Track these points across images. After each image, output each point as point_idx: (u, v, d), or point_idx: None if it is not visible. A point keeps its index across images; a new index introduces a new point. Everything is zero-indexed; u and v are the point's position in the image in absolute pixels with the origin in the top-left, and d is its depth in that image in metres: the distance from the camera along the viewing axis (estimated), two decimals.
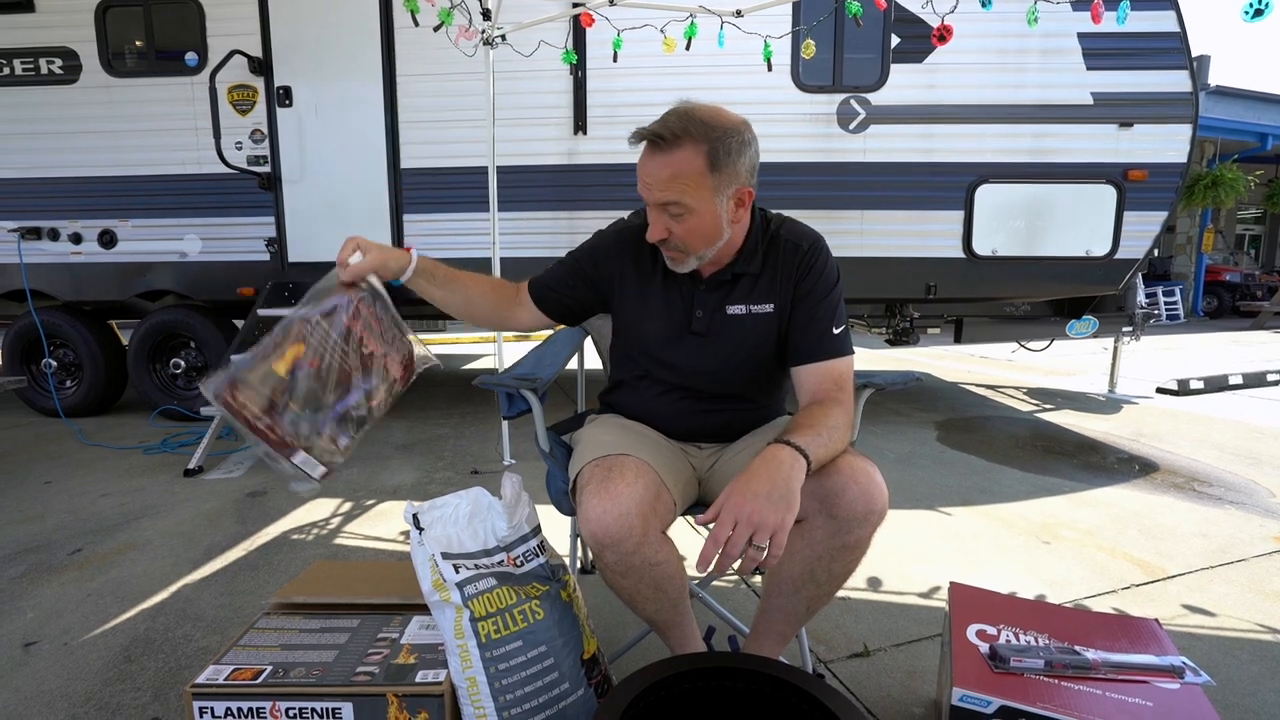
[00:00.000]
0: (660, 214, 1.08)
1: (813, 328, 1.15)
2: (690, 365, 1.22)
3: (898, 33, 3.42)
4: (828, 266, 1.18)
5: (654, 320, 1.22)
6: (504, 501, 1.20)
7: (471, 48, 2.92)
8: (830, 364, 1.14)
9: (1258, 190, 11.58)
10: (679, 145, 1.03)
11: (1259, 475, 2.79)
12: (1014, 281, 3.69)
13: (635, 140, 1.07)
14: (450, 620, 1.04)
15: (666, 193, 1.05)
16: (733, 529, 0.85)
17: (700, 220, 1.08)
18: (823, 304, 1.16)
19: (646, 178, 1.07)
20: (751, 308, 1.18)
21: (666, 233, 1.09)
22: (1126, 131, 3.47)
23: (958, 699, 1.02)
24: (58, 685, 1.37)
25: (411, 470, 2.89)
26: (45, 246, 3.79)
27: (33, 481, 2.75)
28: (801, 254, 1.17)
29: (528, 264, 3.58)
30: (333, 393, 0.99)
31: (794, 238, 1.20)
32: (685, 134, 1.03)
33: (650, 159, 1.06)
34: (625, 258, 1.24)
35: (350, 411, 0.99)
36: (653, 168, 1.06)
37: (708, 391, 1.25)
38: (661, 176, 1.05)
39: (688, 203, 1.06)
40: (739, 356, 1.20)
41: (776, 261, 1.18)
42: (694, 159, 1.04)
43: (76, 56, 3.63)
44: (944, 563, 1.95)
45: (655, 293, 1.22)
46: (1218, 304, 11.82)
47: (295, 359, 0.99)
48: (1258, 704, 1.30)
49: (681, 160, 1.04)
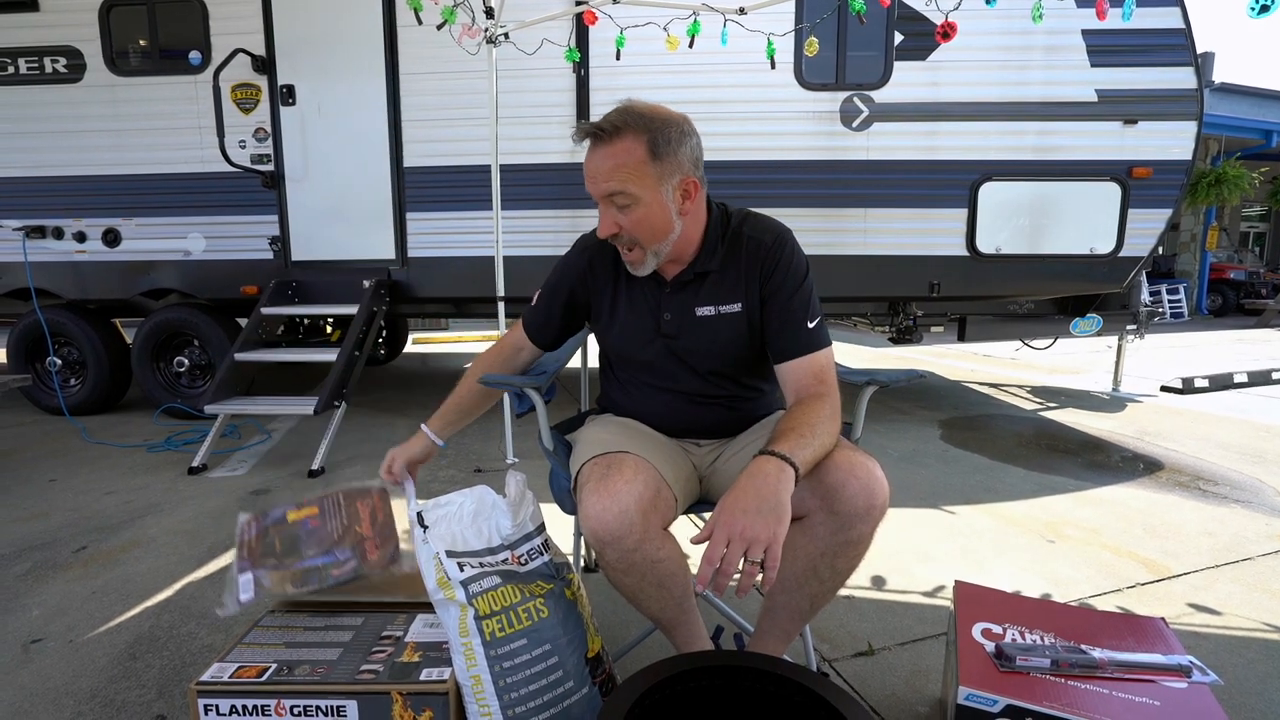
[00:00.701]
0: (608, 207, 1.10)
1: (787, 325, 1.15)
2: (666, 367, 1.23)
3: (901, 30, 3.40)
4: (794, 260, 1.17)
5: (624, 327, 1.24)
6: (508, 500, 1.20)
7: (474, 46, 2.92)
8: (809, 359, 1.14)
9: (1262, 187, 11.51)
10: (619, 136, 1.07)
11: (1264, 474, 2.78)
12: (1018, 279, 3.68)
13: (579, 138, 1.10)
14: (455, 618, 1.04)
15: (610, 182, 1.08)
16: (726, 547, 0.86)
17: (648, 211, 1.09)
18: (794, 299, 1.15)
19: (591, 171, 1.09)
20: (720, 308, 1.18)
21: (616, 227, 1.10)
22: (1131, 129, 3.45)
23: (963, 698, 1.02)
24: (63, 682, 1.38)
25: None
26: (50, 245, 3.80)
27: (37, 479, 2.76)
28: (765, 249, 1.17)
29: (531, 262, 3.59)
30: (312, 548, 1.18)
31: (756, 233, 1.18)
32: (625, 125, 1.07)
33: (593, 153, 1.09)
34: (594, 271, 1.26)
35: (316, 568, 1.16)
36: (596, 160, 1.09)
37: (691, 390, 1.25)
38: (605, 168, 1.08)
39: (632, 191, 1.08)
40: (713, 356, 1.21)
41: (739, 258, 1.18)
42: (635, 148, 1.07)
43: (81, 55, 3.64)
44: (948, 561, 1.95)
45: (623, 300, 1.25)
46: (1222, 302, 11.77)
47: (308, 515, 1.24)
48: (1265, 703, 1.30)
49: (623, 150, 1.07)
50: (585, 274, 1.27)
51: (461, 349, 7.41)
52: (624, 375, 1.31)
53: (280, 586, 1.18)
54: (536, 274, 4.32)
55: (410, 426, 3.65)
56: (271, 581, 1.18)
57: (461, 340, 8.08)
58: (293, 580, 1.18)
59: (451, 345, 7.71)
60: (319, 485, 2.66)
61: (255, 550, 1.22)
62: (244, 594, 1.18)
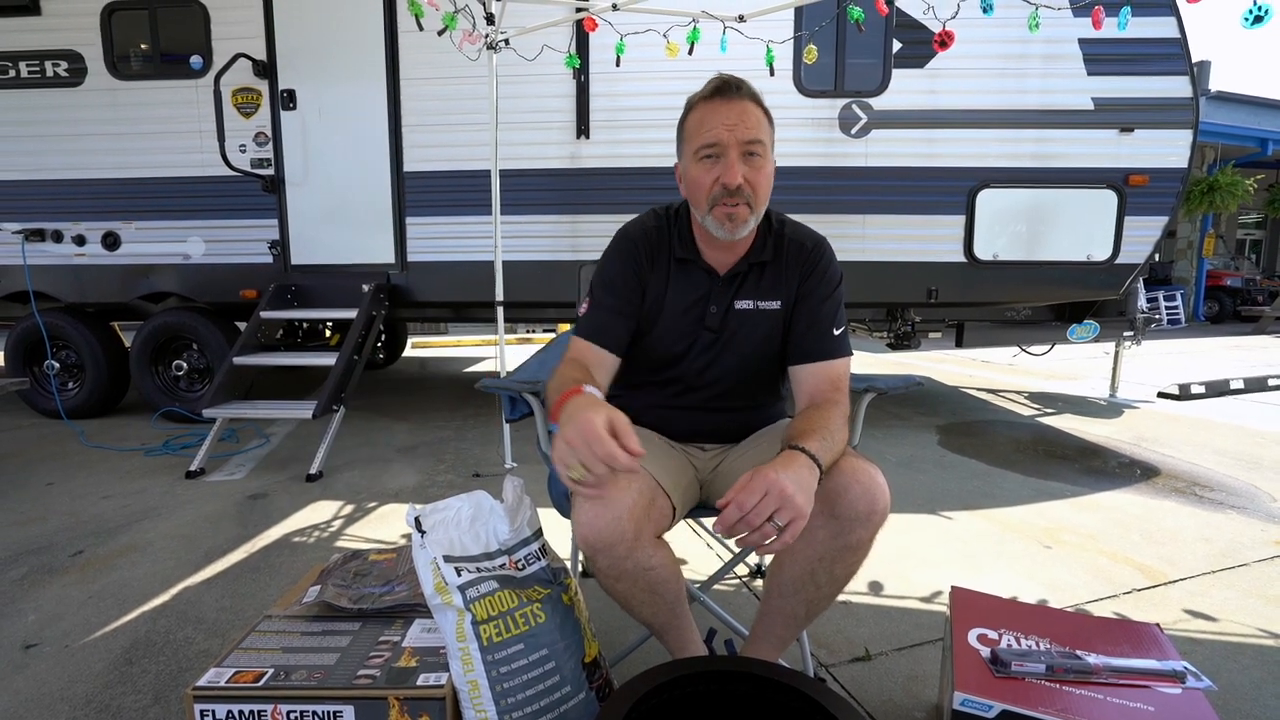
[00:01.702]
0: (739, 158, 1.10)
1: (814, 328, 1.17)
2: (698, 362, 1.23)
3: (899, 38, 3.43)
4: (831, 267, 1.21)
5: (671, 319, 1.22)
6: (506, 504, 1.21)
7: (475, 52, 2.93)
8: (829, 364, 1.15)
9: (1259, 195, 11.57)
10: (744, 98, 1.11)
11: (1260, 480, 2.79)
12: (1015, 286, 3.69)
13: (707, 93, 1.11)
14: (452, 623, 1.04)
15: (753, 130, 1.09)
16: (760, 499, 0.84)
17: (768, 172, 1.13)
18: (825, 304, 1.18)
19: (731, 120, 1.09)
20: (759, 304, 1.20)
21: (743, 179, 1.09)
22: (1127, 136, 3.47)
23: (959, 703, 1.02)
24: (58, 688, 1.37)
25: (413, 473, 2.89)
26: (49, 248, 3.81)
27: (34, 483, 2.76)
28: (806, 252, 1.21)
29: (530, 268, 3.60)
30: (375, 579, 1.35)
31: (798, 236, 1.23)
32: (747, 91, 1.12)
33: (726, 105, 1.10)
34: (653, 258, 1.22)
35: (371, 594, 1.29)
36: (734, 111, 1.09)
37: (712, 391, 1.25)
38: (749, 118, 1.09)
39: (766, 144, 1.11)
40: (744, 353, 1.22)
41: (783, 257, 1.21)
42: (758, 110, 1.12)
43: (82, 59, 3.65)
44: (945, 567, 1.95)
45: (672, 291, 1.22)
46: (1219, 309, 11.80)
47: (385, 558, 1.46)
48: (1260, 709, 1.30)
49: (752, 108, 1.11)
50: (645, 260, 1.21)
51: (460, 353, 7.41)
52: (639, 378, 1.28)
53: (336, 599, 1.26)
54: (536, 279, 4.33)
55: (410, 430, 3.66)
56: (330, 595, 1.28)
57: (460, 345, 8.08)
58: (349, 598, 1.26)
59: (450, 350, 7.71)
60: (317, 489, 2.66)
61: (332, 574, 1.38)
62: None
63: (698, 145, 1.12)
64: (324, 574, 1.40)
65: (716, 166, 1.10)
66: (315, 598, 1.30)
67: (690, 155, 1.14)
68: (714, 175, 1.10)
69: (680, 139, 1.19)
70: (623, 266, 1.22)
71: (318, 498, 2.55)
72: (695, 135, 1.12)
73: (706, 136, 1.10)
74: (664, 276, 1.22)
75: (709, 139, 1.10)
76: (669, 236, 1.23)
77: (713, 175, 1.11)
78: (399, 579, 1.34)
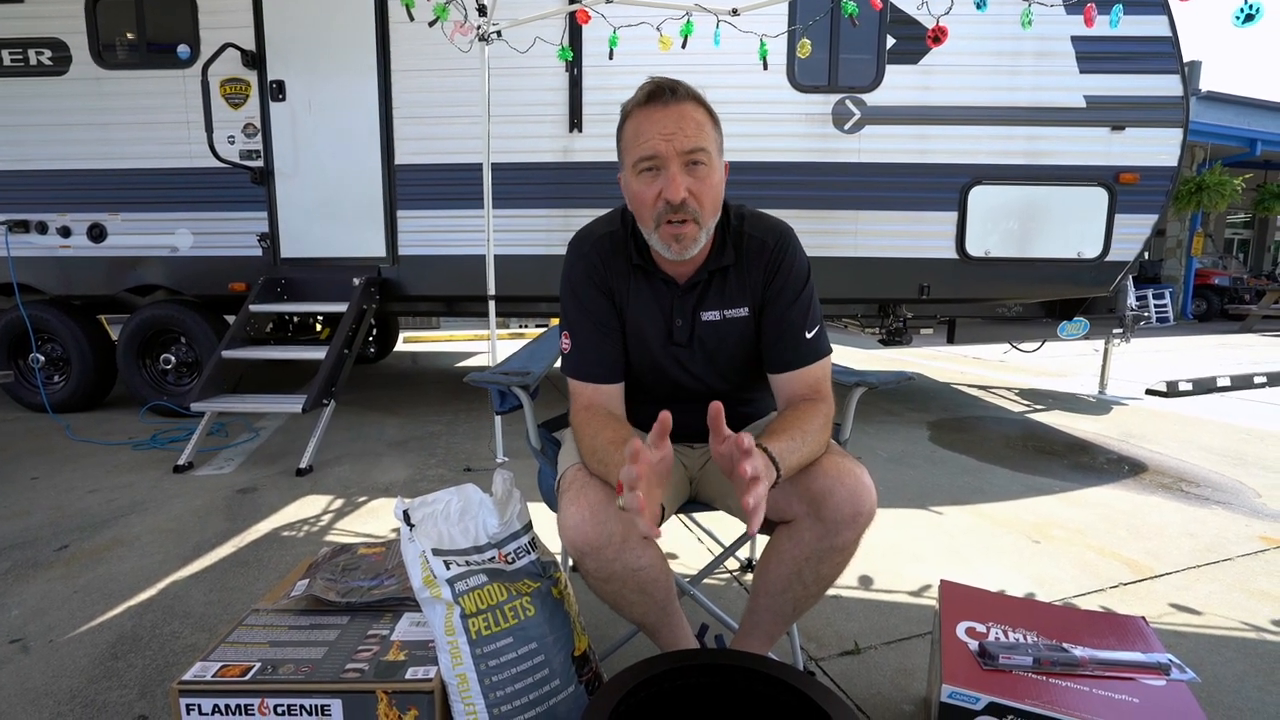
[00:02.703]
0: (681, 170, 1.02)
1: (785, 335, 1.12)
2: (669, 374, 1.20)
3: (893, 34, 3.43)
4: (795, 265, 1.14)
5: (636, 331, 1.18)
6: (495, 498, 1.20)
7: (467, 43, 2.91)
8: (805, 370, 1.12)
9: (1246, 195, 11.68)
10: (683, 100, 1.03)
11: (1245, 476, 2.82)
12: (1006, 283, 3.71)
13: (640, 100, 1.03)
14: (441, 617, 1.04)
15: (693, 138, 1.01)
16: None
17: (715, 181, 1.05)
18: (792, 308, 1.12)
19: (669, 129, 1.00)
20: (726, 313, 1.15)
21: (687, 192, 1.02)
22: (1118, 134, 3.49)
23: (947, 696, 1.03)
24: (43, 683, 1.36)
25: (404, 467, 2.88)
26: (33, 240, 3.75)
27: (19, 477, 2.72)
28: (769, 251, 1.13)
29: (522, 262, 3.58)
30: (363, 573, 1.35)
31: (759, 233, 1.15)
32: (684, 92, 1.03)
33: (664, 112, 1.01)
34: (609, 267, 1.16)
35: (360, 587, 1.30)
36: (672, 118, 1.01)
37: (695, 395, 1.23)
38: (687, 125, 1.01)
39: (710, 151, 1.03)
40: (721, 361, 1.19)
41: (744, 260, 1.14)
42: (700, 112, 1.04)
43: (66, 48, 3.60)
44: (935, 561, 1.96)
45: (633, 302, 1.16)
46: (1207, 307, 11.93)
47: (374, 551, 1.45)
48: (1242, 700, 1.32)
49: (692, 111, 1.02)
50: (602, 271, 1.15)
51: (452, 348, 7.38)
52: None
53: (325, 593, 1.26)
54: (527, 273, 4.32)
55: (400, 424, 3.64)
56: (318, 588, 1.27)
57: (452, 339, 8.05)
58: (337, 592, 1.26)
59: (442, 344, 7.68)
60: (307, 484, 2.64)
61: (320, 567, 1.38)
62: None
63: (636, 158, 1.03)
64: (312, 568, 1.40)
65: (658, 180, 1.03)
66: (303, 591, 1.29)
67: (630, 168, 1.06)
68: (655, 190, 1.03)
69: (619, 149, 1.10)
70: (588, 285, 1.16)
71: (307, 492, 2.54)
72: (633, 147, 1.04)
73: (644, 148, 1.02)
74: (625, 282, 1.16)
75: (646, 150, 1.02)
76: (624, 242, 1.16)
77: (654, 190, 1.03)
78: (388, 573, 1.34)
